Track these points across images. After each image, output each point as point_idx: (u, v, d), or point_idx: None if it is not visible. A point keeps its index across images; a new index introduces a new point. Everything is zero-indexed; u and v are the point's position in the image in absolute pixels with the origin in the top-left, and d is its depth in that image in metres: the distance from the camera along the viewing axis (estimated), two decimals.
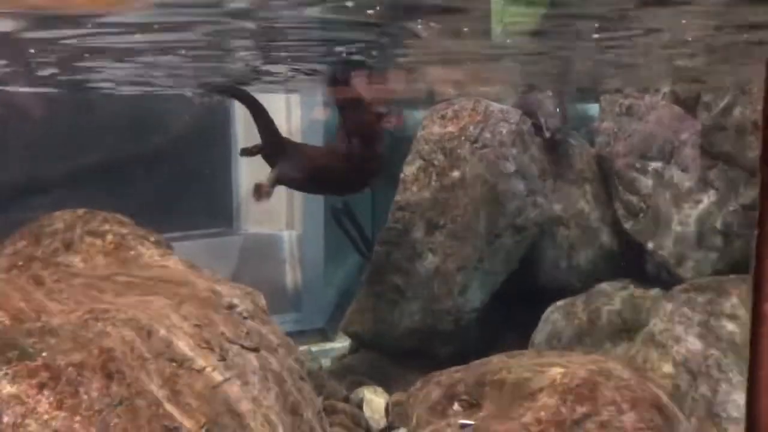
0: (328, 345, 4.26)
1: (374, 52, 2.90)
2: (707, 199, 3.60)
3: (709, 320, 3.12)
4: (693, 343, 3.10)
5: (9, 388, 1.48)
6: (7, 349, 1.58)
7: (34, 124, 3.88)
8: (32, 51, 2.67)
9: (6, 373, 1.50)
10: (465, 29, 2.35)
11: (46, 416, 1.47)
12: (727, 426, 2.89)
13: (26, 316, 1.75)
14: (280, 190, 4.79)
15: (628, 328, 3.68)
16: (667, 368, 3.14)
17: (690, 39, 2.61)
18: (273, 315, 2.44)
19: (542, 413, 2.38)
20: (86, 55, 2.76)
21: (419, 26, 2.33)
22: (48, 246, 2.47)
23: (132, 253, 2.46)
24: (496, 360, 2.84)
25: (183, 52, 2.75)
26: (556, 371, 2.55)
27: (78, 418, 1.50)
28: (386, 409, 3.40)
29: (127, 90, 4.11)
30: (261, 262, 4.70)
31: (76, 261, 2.34)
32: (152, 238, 2.61)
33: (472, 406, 2.57)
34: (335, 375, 3.77)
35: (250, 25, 2.25)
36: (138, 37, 2.37)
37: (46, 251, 2.43)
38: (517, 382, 2.56)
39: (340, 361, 4.07)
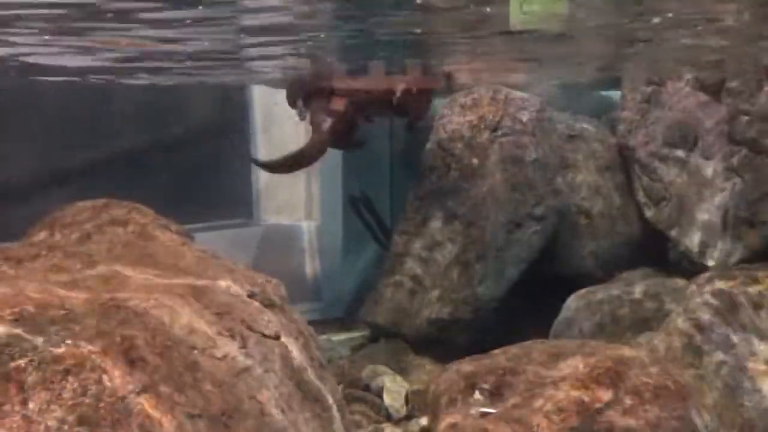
0: (348, 334, 4.27)
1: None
2: (732, 186, 3.55)
3: (734, 309, 3.08)
4: (717, 333, 3.06)
5: (35, 375, 1.49)
6: (32, 336, 1.60)
7: (54, 114, 3.91)
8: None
9: (32, 360, 1.52)
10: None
11: (71, 402, 1.48)
12: (751, 415, 2.85)
13: (50, 304, 1.77)
14: (299, 183, 4.81)
15: (650, 318, 3.64)
16: (691, 358, 3.11)
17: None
18: (293, 305, 2.45)
19: (564, 402, 2.36)
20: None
21: None
22: (69, 235, 2.49)
23: (153, 242, 2.47)
24: (517, 349, 2.82)
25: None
26: (577, 360, 2.54)
27: (102, 404, 1.52)
28: (406, 398, 3.40)
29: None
30: (280, 252, 4.72)
31: (97, 250, 2.35)
32: (173, 228, 2.62)
33: (492, 395, 2.55)
34: (355, 364, 3.78)
35: None
36: None
37: (67, 240, 2.46)
38: (539, 371, 2.55)
39: (359, 350, 4.08)
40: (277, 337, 2.11)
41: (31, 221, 2.66)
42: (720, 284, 3.24)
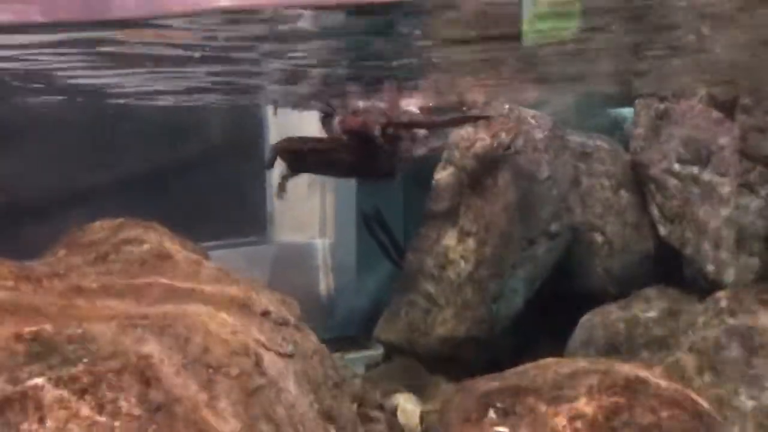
0: (361, 353, 4.26)
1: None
2: (747, 203, 3.52)
3: (751, 328, 3.05)
4: (735, 352, 3.03)
5: (52, 393, 1.51)
6: (49, 355, 1.62)
7: (71, 134, 3.97)
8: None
9: (49, 379, 1.54)
10: None
11: (87, 421, 1.50)
12: None
13: (67, 323, 1.79)
14: (313, 201, 4.84)
15: (665, 336, 3.61)
16: (707, 377, 3.07)
17: None
18: (306, 322, 2.46)
19: (579, 422, 2.34)
20: None
21: None
22: (87, 255, 2.52)
23: (169, 260, 2.49)
24: (531, 367, 2.80)
25: None
26: (592, 379, 2.52)
27: (118, 423, 1.53)
28: (420, 417, 3.38)
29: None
30: (294, 270, 4.74)
31: (114, 269, 2.38)
32: (189, 246, 2.65)
33: (507, 414, 2.54)
34: (369, 382, 3.77)
35: None
36: None
37: (85, 260, 2.48)
38: (553, 390, 2.53)
39: (373, 369, 4.07)
40: (291, 356, 2.12)
41: (50, 240, 2.70)
42: (737, 302, 3.21)
